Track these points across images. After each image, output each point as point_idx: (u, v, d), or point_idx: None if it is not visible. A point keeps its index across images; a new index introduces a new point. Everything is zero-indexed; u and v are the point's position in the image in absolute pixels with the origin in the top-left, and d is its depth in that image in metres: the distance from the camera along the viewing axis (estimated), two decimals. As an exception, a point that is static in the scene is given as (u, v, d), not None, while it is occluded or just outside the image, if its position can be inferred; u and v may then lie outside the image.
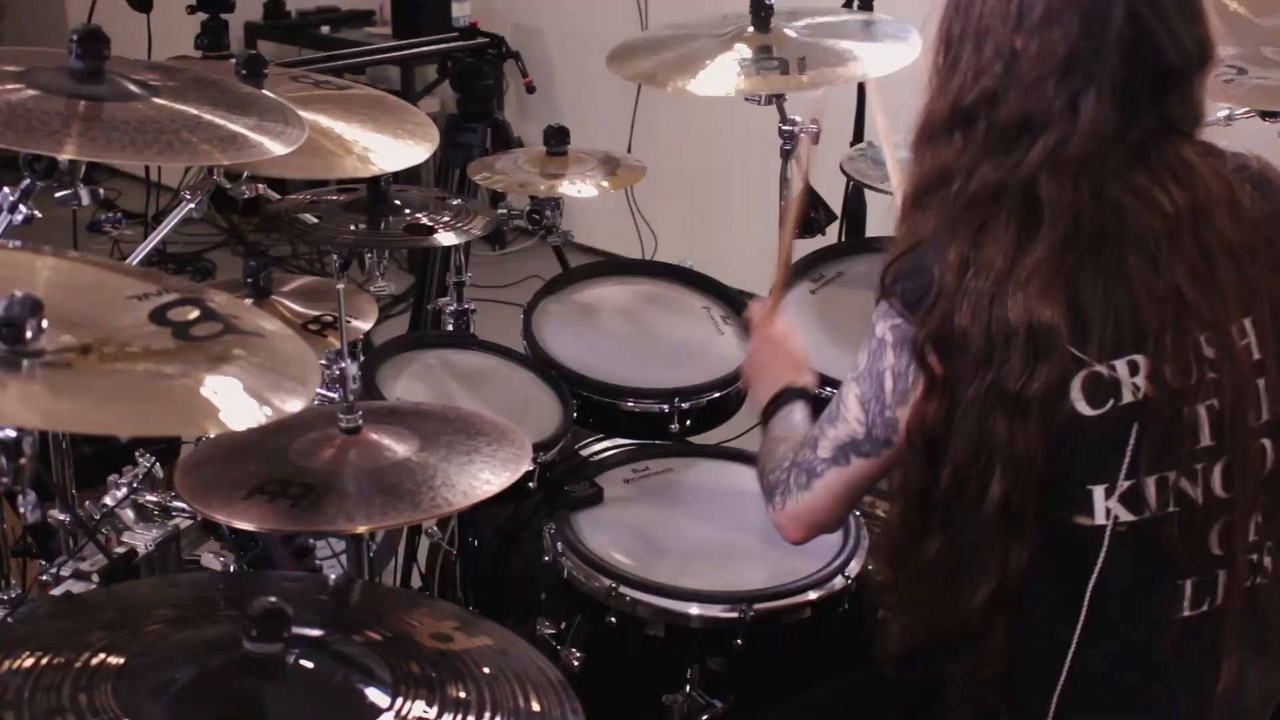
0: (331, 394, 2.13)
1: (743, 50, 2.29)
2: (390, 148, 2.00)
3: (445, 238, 2.26)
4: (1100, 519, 1.39)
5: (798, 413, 1.77)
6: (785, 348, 1.93)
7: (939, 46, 1.51)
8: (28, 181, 1.68)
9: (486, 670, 1.34)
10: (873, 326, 1.50)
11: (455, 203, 2.38)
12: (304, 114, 1.84)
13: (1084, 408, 1.38)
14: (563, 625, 1.98)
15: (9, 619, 1.68)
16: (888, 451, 1.52)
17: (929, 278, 1.43)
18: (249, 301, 2.03)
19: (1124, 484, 1.39)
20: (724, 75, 2.24)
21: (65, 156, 1.62)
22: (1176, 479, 1.40)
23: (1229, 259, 1.42)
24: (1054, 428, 1.38)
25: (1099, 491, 1.39)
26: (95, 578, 1.79)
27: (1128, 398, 1.38)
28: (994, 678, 1.45)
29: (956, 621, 1.47)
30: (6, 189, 1.70)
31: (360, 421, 1.71)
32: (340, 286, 1.73)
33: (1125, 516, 1.39)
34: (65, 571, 1.79)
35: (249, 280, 2.08)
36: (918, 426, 1.46)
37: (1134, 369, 1.38)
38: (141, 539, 1.88)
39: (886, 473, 1.55)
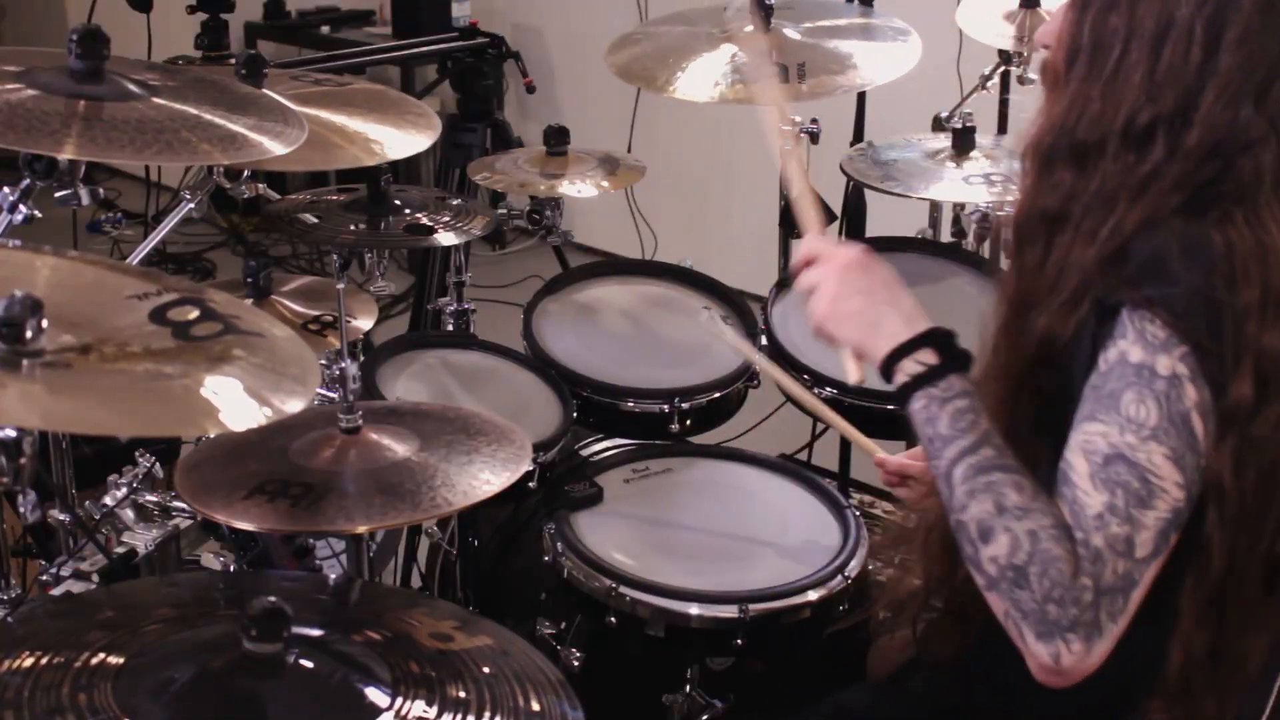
0: (331, 394, 2.13)
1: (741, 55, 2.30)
2: (392, 137, 2.01)
3: (445, 238, 2.26)
4: None
5: (977, 407, 1.31)
6: (883, 269, 1.43)
7: (1086, 42, 1.34)
8: (28, 181, 1.69)
9: (486, 670, 1.34)
10: (1146, 367, 1.24)
11: (455, 203, 2.38)
12: (304, 109, 1.84)
13: None
14: (563, 625, 1.98)
15: (9, 619, 1.68)
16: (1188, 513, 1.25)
17: (1191, 287, 1.24)
18: (249, 301, 2.03)
19: None
20: (723, 83, 2.25)
21: (65, 156, 1.62)
22: None
23: None
24: None
25: None
26: (95, 578, 1.79)
27: None
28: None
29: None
30: (6, 189, 1.70)
31: (360, 421, 1.71)
32: (340, 286, 1.73)
33: None
34: (65, 571, 1.79)
35: (249, 280, 2.08)
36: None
37: None
38: (141, 539, 1.88)
39: None
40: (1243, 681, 1.33)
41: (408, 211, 2.31)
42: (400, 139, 2.01)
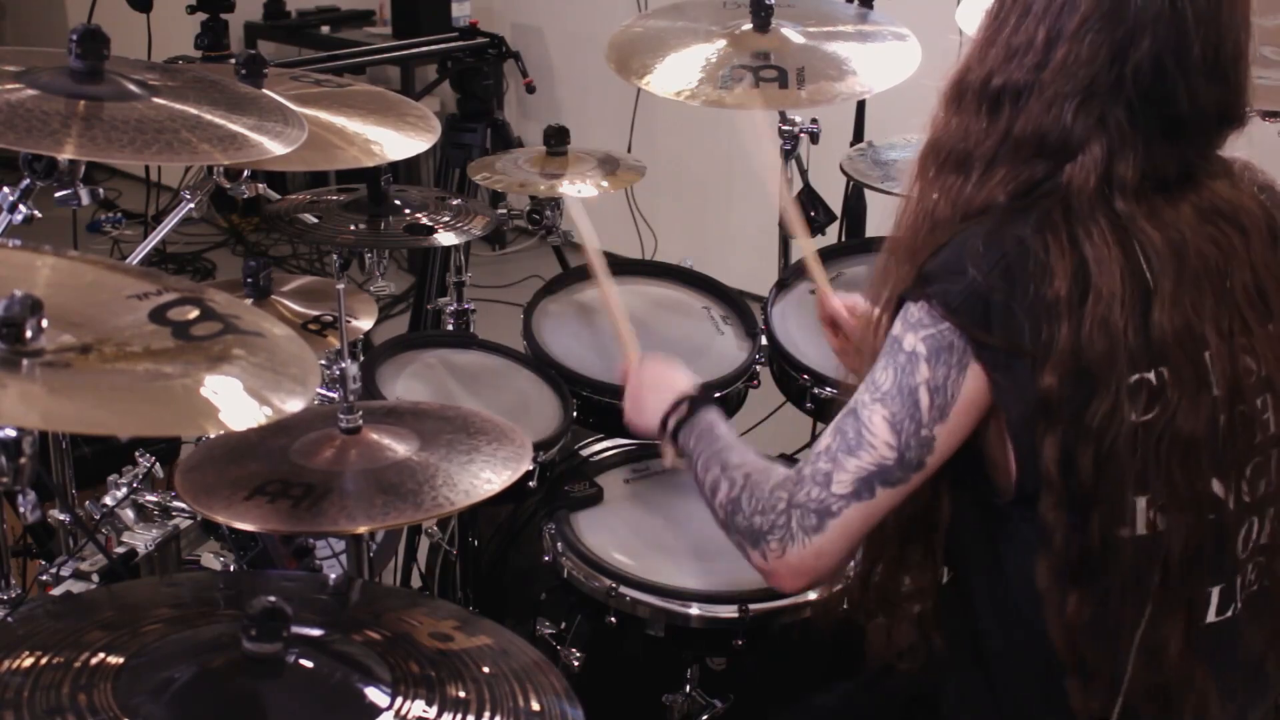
0: (331, 394, 2.13)
1: (741, 56, 2.30)
2: (391, 139, 2.01)
3: (445, 238, 2.26)
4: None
5: (722, 424, 1.62)
6: (657, 368, 1.78)
7: (992, 4, 1.44)
8: (28, 181, 1.69)
9: (486, 670, 1.34)
10: (897, 340, 1.39)
11: (455, 203, 2.38)
12: (304, 109, 1.84)
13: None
14: (563, 625, 1.98)
15: (9, 619, 1.68)
16: (917, 476, 1.40)
17: (973, 282, 1.34)
18: (249, 301, 2.03)
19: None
20: (723, 87, 2.25)
21: (65, 156, 1.62)
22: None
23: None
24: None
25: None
26: (95, 578, 1.79)
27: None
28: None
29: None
30: (6, 189, 1.70)
31: (360, 421, 1.71)
32: (340, 286, 1.73)
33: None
34: (65, 571, 1.79)
35: (249, 280, 2.08)
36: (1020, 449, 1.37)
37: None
38: (141, 539, 1.88)
39: (901, 504, 1.43)
40: (1124, 650, 1.40)
41: (408, 211, 2.31)
42: (399, 141, 2.01)
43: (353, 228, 2.26)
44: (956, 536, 1.50)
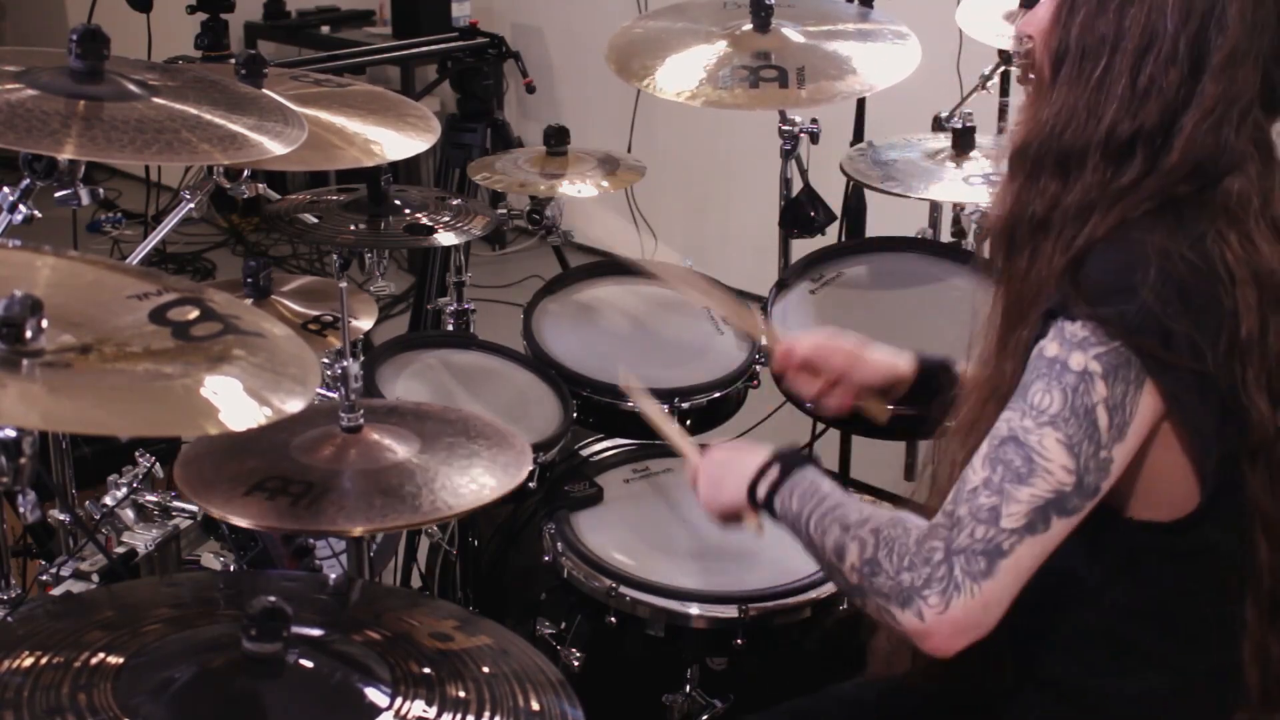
0: (332, 394, 2.13)
1: (741, 56, 2.30)
2: (391, 139, 2.01)
3: (445, 238, 2.26)
4: None
5: (825, 480, 1.46)
6: (726, 450, 1.61)
7: (1073, 44, 1.34)
8: (28, 181, 1.69)
9: (486, 670, 1.34)
10: (1060, 361, 1.28)
11: (455, 203, 2.38)
12: (304, 109, 1.84)
13: None
14: (563, 625, 1.98)
15: (9, 619, 1.68)
16: (1090, 504, 1.29)
17: (1145, 304, 1.26)
18: (249, 301, 2.03)
19: None
20: (723, 87, 2.25)
21: (65, 156, 1.62)
22: None
23: None
24: None
25: None
26: (95, 578, 1.79)
27: None
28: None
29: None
30: (6, 189, 1.70)
31: (361, 420, 1.71)
32: (342, 285, 1.73)
33: None
34: (65, 571, 1.79)
35: (249, 280, 2.08)
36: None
37: None
38: (141, 539, 1.88)
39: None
40: None
41: (408, 211, 2.31)
42: (399, 141, 2.01)
43: (353, 228, 2.26)
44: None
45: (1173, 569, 1.38)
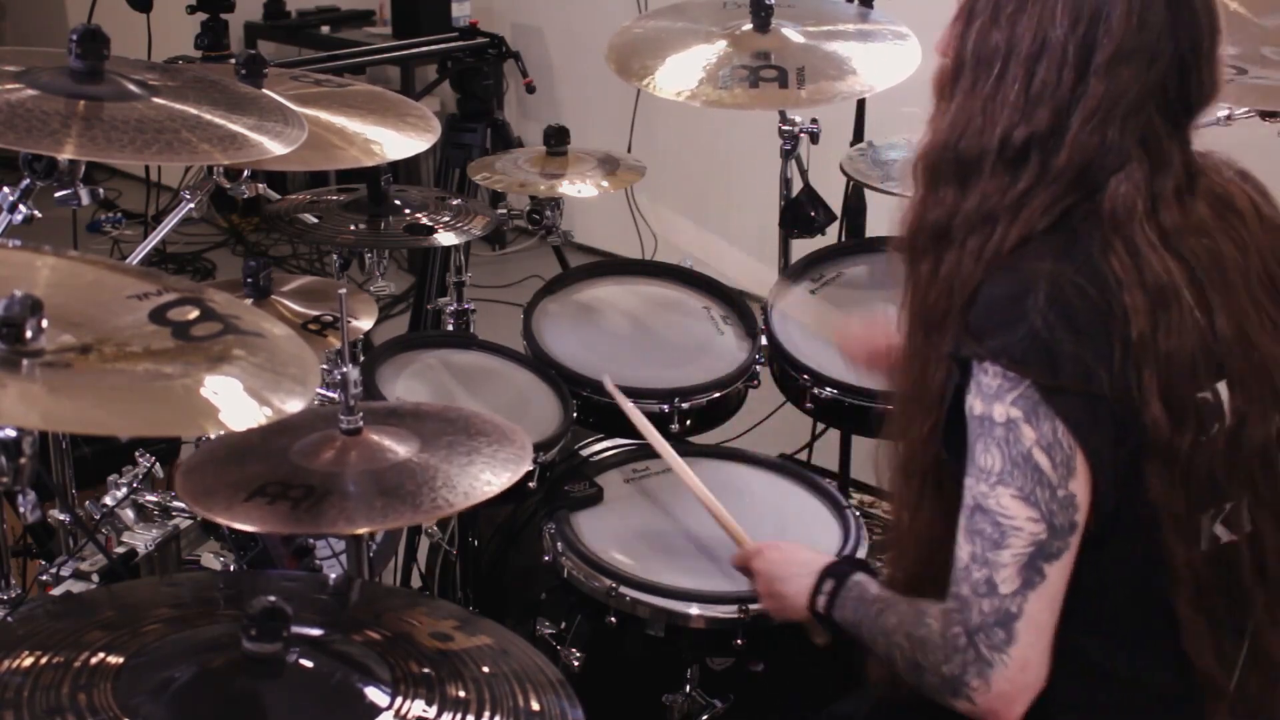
0: (332, 394, 2.13)
1: (741, 56, 2.30)
2: (391, 139, 2.01)
3: (445, 238, 2.26)
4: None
5: (871, 586, 1.52)
6: (780, 554, 1.69)
7: (970, 58, 1.39)
8: (28, 181, 1.69)
9: (486, 670, 1.34)
10: (986, 418, 1.32)
11: (455, 203, 2.38)
12: (304, 109, 1.84)
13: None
14: (563, 625, 1.98)
15: (9, 619, 1.68)
16: (1074, 538, 1.32)
17: (1033, 329, 1.29)
18: (249, 301, 2.03)
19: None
20: (723, 87, 2.26)
21: (65, 156, 1.62)
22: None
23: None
24: None
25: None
26: (95, 578, 1.79)
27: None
28: None
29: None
30: (6, 189, 1.70)
31: (361, 423, 1.71)
32: (342, 292, 1.73)
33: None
34: (65, 571, 1.79)
35: (249, 280, 2.08)
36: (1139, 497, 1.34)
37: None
38: (141, 539, 1.88)
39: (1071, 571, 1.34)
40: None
41: (408, 211, 2.32)
42: (399, 140, 2.01)
43: (353, 228, 2.26)
44: None
45: (1098, 577, 1.38)
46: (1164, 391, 1.31)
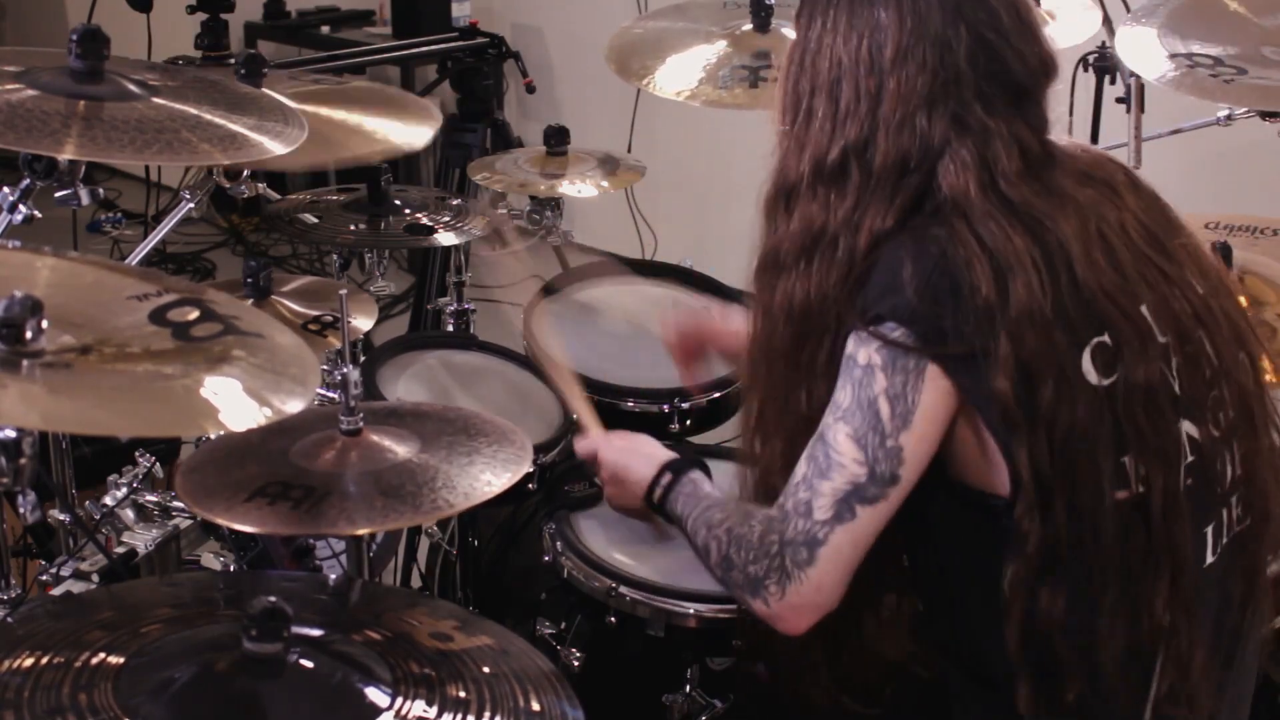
0: (332, 395, 2.13)
1: (741, 56, 2.30)
2: (392, 129, 2.01)
3: (445, 238, 2.26)
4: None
5: (705, 483, 1.66)
6: (624, 444, 1.80)
7: (786, 107, 1.50)
8: (28, 181, 1.69)
9: (486, 670, 1.34)
10: (852, 358, 1.41)
11: (455, 203, 2.39)
12: (305, 105, 1.84)
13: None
14: (563, 625, 1.98)
15: (9, 619, 1.68)
16: (894, 491, 1.40)
17: (911, 301, 1.37)
18: (249, 301, 2.03)
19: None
20: (723, 87, 2.26)
21: (65, 156, 1.62)
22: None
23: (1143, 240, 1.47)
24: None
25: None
26: (95, 578, 1.79)
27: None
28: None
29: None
30: (6, 189, 1.70)
31: (361, 423, 1.71)
32: (343, 293, 1.73)
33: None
34: (65, 571, 1.79)
35: (249, 280, 2.08)
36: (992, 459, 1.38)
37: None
38: (141, 539, 1.88)
39: (888, 520, 1.42)
40: (1105, 659, 1.40)
41: (408, 211, 2.32)
42: (400, 130, 2.01)
43: (353, 228, 2.26)
44: (946, 562, 1.50)
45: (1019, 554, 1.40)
46: (1019, 354, 1.35)
